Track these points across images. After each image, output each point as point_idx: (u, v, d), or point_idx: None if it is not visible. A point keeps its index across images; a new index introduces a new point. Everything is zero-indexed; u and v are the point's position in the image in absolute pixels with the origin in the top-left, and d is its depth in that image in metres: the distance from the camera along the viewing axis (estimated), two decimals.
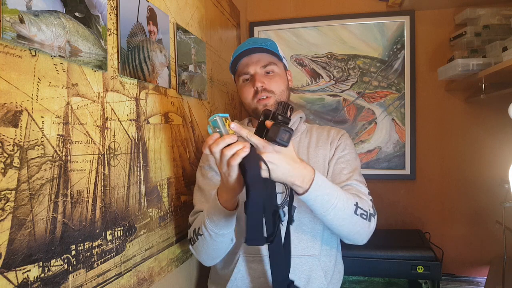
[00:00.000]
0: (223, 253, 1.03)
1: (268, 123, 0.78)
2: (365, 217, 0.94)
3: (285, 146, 0.77)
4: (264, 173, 0.78)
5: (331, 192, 0.88)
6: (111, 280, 0.79)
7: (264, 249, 1.03)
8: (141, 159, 0.92)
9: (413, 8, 1.79)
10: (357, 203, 0.93)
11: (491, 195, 1.68)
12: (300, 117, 1.18)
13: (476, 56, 1.53)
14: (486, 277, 1.48)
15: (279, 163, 0.79)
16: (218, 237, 0.93)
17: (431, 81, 1.80)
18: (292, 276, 1.01)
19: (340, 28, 1.88)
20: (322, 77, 1.91)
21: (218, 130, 0.77)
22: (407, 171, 1.83)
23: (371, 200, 1.02)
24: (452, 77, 1.57)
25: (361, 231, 0.95)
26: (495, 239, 1.62)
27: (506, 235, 1.40)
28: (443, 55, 1.75)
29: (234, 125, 0.77)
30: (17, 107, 0.57)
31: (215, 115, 0.78)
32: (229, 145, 0.76)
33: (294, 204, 1.03)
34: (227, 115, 0.78)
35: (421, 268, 1.41)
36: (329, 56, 1.90)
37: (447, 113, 1.80)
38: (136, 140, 0.90)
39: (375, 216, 0.98)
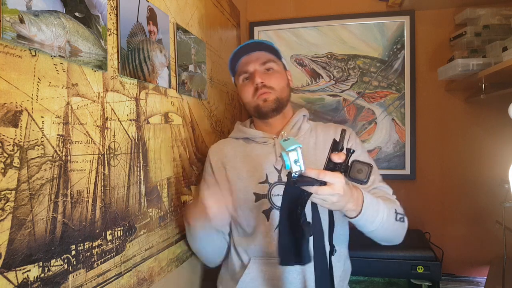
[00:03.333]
0: (217, 251, 1.04)
1: (337, 156, 0.75)
2: (402, 220, 0.97)
3: (366, 183, 0.75)
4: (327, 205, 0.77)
5: (377, 208, 0.89)
6: (111, 280, 0.79)
7: (275, 252, 1.02)
8: (141, 159, 0.92)
9: (413, 8, 1.78)
10: (395, 210, 0.96)
11: (491, 195, 1.68)
12: (304, 115, 1.17)
13: (476, 56, 1.53)
14: (486, 277, 1.48)
15: (347, 193, 0.77)
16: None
17: (431, 81, 1.80)
18: (300, 278, 1.00)
19: (340, 28, 1.88)
20: (322, 77, 1.91)
21: (298, 164, 0.71)
22: (407, 171, 1.83)
23: (396, 198, 1.06)
24: (452, 77, 1.57)
25: (400, 233, 0.98)
26: (495, 239, 1.62)
27: (506, 235, 1.40)
28: (443, 55, 1.75)
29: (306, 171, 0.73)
30: (17, 107, 0.57)
31: (298, 145, 0.71)
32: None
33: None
34: (299, 145, 0.71)
35: (421, 268, 1.41)
36: (329, 56, 1.90)
37: (447, 113, 1.80)
38: (136, 140, 0.90)
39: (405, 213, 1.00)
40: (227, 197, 1.04)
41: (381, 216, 0.89)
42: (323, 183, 0.73)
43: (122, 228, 0.83)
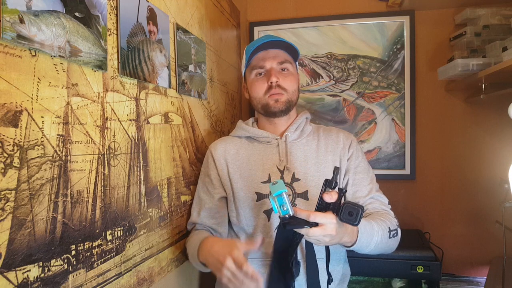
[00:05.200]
0: None
1: (329, 196, 0.76)
2: (395, 234, 0.99)
3: (357, 225, 0.77)
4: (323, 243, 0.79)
5: (372, 232, 0.90)
6: (111, 280, 0.79)
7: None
8: (141, 159, 0.92)
9: (413, 8, 1.78)
10: (389, 228, 0.97)
11: (491, 195, 1.68)
12: (306, 118, 1.17)
13: (476, 56, 1.53)
14: (486, 277, 1.48)
15: (340, 231, 0.78)
16: (205, 270, 1.00)
17: (431, 81, 1.80)
18: (298, 280, 1.01)
19: (340, 28, 1.88)
20: (322, 77, 1.91)
21: (285, 209, 0.73)
22: (407, 171, 1.83)
23: (391, 209, 1.06)
24: (452, 77, 1.57)
25: (393, 247, 1.01)
26: (495, 239, 1.62)
27: (506, 235, 1.40)
28: (443, 55, 1.75)
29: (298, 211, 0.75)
30: (17, 107, 0.57)
31: (283, 190, 0.73)
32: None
33: (301, 207, 1.03)
34: (285, 190, 0.73)
35: (421, 268, 1.41)
36: (329, 56, 1.90)
37: (447, 113, 1.80)
38: (136, 140, 0.90)
39: (398, 223, 1.02)
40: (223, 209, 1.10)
41: (376, 239, 0.91)
42: (315, 224, 0.74)
43: (122, 228, 0.83)
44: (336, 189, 0.78)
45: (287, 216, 0.74)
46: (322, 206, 0.77)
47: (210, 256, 0.89)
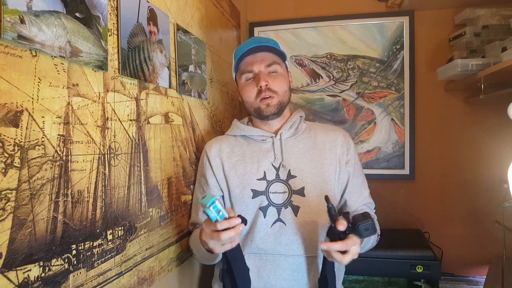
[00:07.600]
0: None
1: (342, 225, 0.84)
2: (379, 236, 1.10)
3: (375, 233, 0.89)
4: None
5: (369, 240, 1.02)
6: (111, 279, 0.79)
7: (270, 248, 1.04)
8: (141, 159, 0.92)
9: (413, 9, 1.79)
10: (378, 234, 1.10)
11: (490, 195, 1.69)
12: (300, 116, 1.18)
13: (475, 56, 1.54)
14: (485, 277, 1.48)
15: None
16: (209, 262, 1.07)
17: (431, 81, 1.80)
18: (293, 276, 1.02)
19: (339, 28, 1.88)
20: (322, 78, 1.91)
21: (221, 214, 0.81)
22: (406, 171, 1.83)
23: (374, 208, 1.17)
24: (451, 77, 1.57)
25: (372, 246, 1.12)
26: (494, 239, 1.63)
27: (506, 235, 1.40)
28: (442, 55, 1.76)
29: (324, 246, 0.84)
30: (17, 107, 0.57)
31: (214, 198, 0.79)
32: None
33: (297, 204, 1.04)
34: (216, 197, 0.81)
35: (421, 268, 1.41)
36: (328, 56, 1.90)
37: (447, 113, 1.81)
38: (137, 140, 0.90)
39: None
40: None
41: (372, 241, 1.05)
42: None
43: (122, 227, 0.84)
44: (340, 215, 0.87)
45: (226, 218, 0.82)
46: (337, 233, 0.86)
47: (204, 242, 0.93)
